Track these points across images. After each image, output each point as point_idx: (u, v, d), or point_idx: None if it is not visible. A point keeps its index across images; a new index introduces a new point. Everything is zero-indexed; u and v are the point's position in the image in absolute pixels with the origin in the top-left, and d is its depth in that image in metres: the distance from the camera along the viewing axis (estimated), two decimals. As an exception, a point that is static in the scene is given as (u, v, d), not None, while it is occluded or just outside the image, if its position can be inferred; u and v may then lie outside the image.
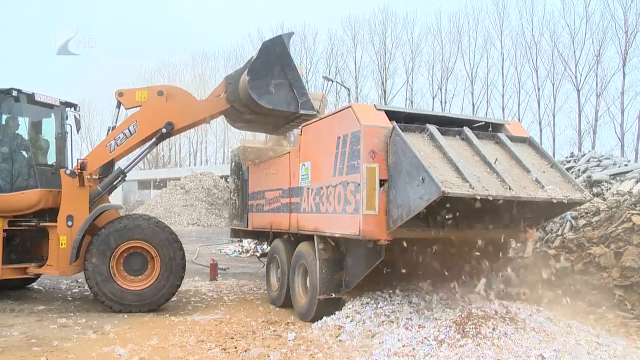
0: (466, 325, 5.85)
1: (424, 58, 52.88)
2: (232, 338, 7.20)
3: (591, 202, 9.00)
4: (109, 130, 9.79)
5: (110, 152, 9.54)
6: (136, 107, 9.72)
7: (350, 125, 6.96)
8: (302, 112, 9.12)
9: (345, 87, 41.23)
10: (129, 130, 9.55)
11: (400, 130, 6.51)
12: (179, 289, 9.68)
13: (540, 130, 46.25)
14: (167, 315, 8.84)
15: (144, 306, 9.03)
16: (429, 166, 5.91)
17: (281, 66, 9.21)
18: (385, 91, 52.81)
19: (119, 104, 9.76)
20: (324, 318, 7.65)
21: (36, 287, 11.51)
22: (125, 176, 9.91)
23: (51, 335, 7.35)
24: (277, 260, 9.81)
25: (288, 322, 8.21)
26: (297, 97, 9.15)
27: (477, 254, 7.23)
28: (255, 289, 11.73)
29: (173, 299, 9.58)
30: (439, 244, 6.95)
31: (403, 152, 6.34)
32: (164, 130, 9.60)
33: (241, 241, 20.05)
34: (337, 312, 7.61)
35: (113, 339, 7.24)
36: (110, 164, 9.78)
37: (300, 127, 8.75)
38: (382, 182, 6.61)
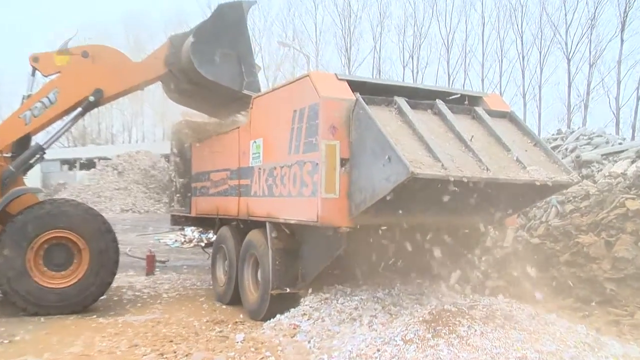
0: (438, 324, 5.94)
1: (394, 21, 53.45)
2: (171, 341, 7.20)
3: (580, 185, 9.20)
4: (23, 99, 9.54)
5: (26, 125, 9.32)
6: (57, 73, 9.51)
7: (307, 97, 6.99)
8: (245, 92, 9.09)
9: (303, 54, 41.12)
10: (48, 98, 9.33)
11: (364, 103, 6.55)
12: (110, 286, 9.58)
13: (525, 104, 46.96)
14: (95, 316, 8.75)
15: (67, 307, 8.85)
16: (395, 143, 5.98)
17: (233, 36, 9.15)
18: (349, 59, 52.85)
19: (33, 71, 9.51)
20: (278, 316, 7.70)
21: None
22: (45, 153, 9.69)
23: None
24: (224, 250, 9.83)
25: (236, 322, 8.26)
26: (244, 74, 9.10)
27: (451, 243, 7.37)
28: (199, 284, 11.76)
29: (102, 297, 9.48)
30: (408, 231, 7.04)
31: (367, 127, 6.40)
32: (91, 99, 9.43)
33: (183, 229, 19.97)
34: (292, 310, 7.66)
35: (24, 347, 7.08)
36: (25, 139, 9.55)
37: (251, 99, 8.73)
38: (343, 162, 6.66)
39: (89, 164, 52.93)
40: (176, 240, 19.96)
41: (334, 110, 6.71)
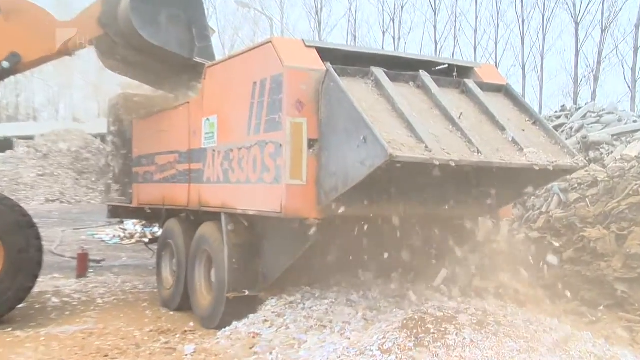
0: (421, 331, 6.02)
1: (373, -22, 52.77)
2: (107, 355, 7.21)
3: (586, 170, 9.25)
4: None
5: None
6: None
7: (269, 67, 7.04)
8: (197, 60, 9.09)
9: (266, 16, 40.99)
10: None
11: (335, 74, 6.59)
12: (31, 292, 9.41)
13: (524, 76, 46.94)
14: (10, 329, 8.57)
15: None
16: (372, 121, 6.02)
17: None
18: (319, 22, 52.65)
19: None
20: (234, 323, 7.74)
21: None
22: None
23: None
24: (171, 247, 9.89)
25: (186, 331, 8.31)
26: (195, 39, 9.11)
27: (436, 237, 7.49)
28: (141, 287, 11.81)
29: (21, 306, 9.29)
30: (386, 224, 7.13)
31: (339, 103, 6.46)
32: (5, 65, 9.32)
33: (123, 223, 19.91)
34: (251, 316, 7.71)
35: None
36: None
37: (204, 69, 8.75)
38: (311, 143, 6.74)
39: (4, 145, 52.18)
40: (114, 236, 19.93)
41: (301, 82, 6.76)
